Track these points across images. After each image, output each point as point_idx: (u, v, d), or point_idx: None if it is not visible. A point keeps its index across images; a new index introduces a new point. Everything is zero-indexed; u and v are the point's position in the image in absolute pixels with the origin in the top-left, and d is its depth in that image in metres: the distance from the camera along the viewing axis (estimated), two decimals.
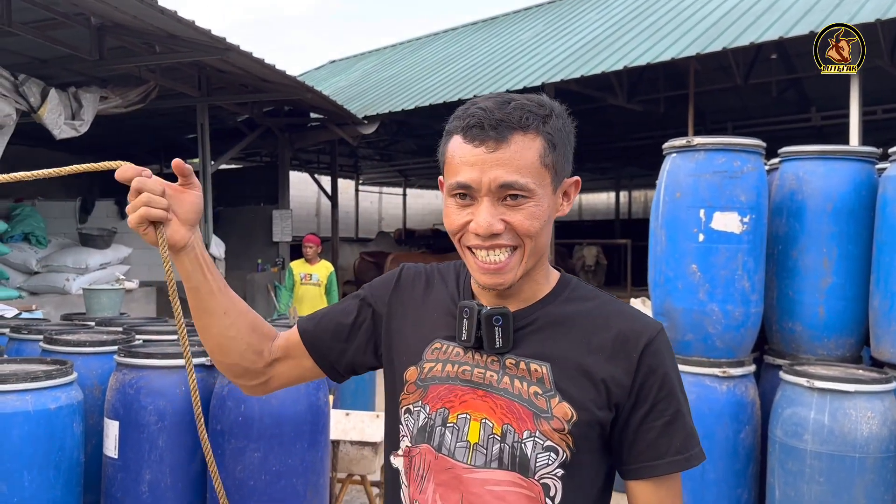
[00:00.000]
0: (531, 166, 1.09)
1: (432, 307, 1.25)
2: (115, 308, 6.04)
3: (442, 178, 1.20)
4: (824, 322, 3.64)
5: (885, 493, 3.12)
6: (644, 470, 1.13)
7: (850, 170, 3.64)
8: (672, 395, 1.14)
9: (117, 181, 1.14)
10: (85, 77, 7.85)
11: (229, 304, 1.25)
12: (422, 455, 1.17)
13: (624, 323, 1.16)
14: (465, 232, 1.12)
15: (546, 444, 1.10)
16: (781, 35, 7.31)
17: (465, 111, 1.13)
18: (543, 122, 1.11)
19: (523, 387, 1.13)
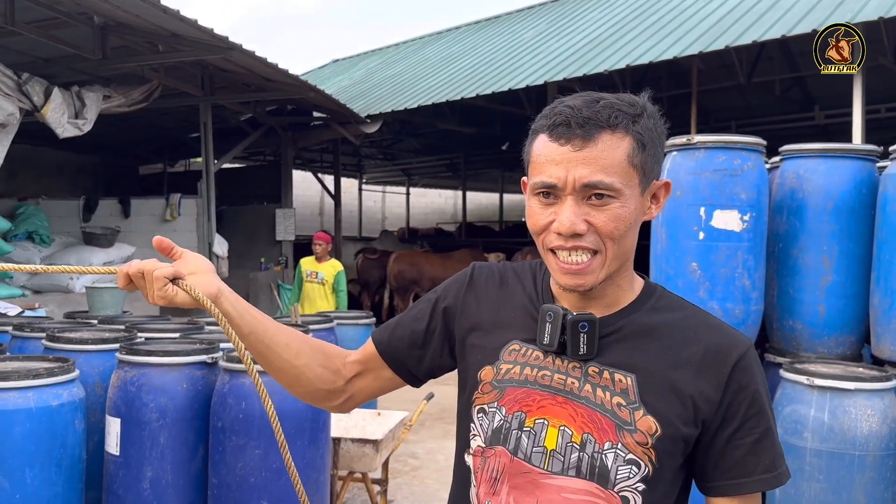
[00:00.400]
0: (618, 166, 1.06)
1: (509, 306, 1.24)
2: (118, 306, 6.06)
3: (525, 178, 1.18)
4: (825, 320, 3.64)
5: (885, 490, 3.12)
6: (731, 487, 1.11)
7: (851, 168, 3.64)
8: (762, 412, 1.11)
9: (122, 179, 1.17)
10: (88, 76, 7.87)
11: (288, 336, 1.27)
12: (496, 457, 1.15)
13: (713, 337, 1.13)
14: (547, 232, 1.10)
15: (628, 457, 1.08)
16: (784, 33, 7.29)
17: (551, 110, 1.11)
18: (633, 121, 1.08)
19: (606, 396, 1.10)
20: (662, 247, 3.71)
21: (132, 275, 1.15)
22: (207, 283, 1.18)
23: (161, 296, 1.14)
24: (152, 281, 1.14)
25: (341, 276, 7.31)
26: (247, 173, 14.94)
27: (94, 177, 13.46)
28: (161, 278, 1.14)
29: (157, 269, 1.14)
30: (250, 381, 3.25)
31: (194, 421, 3.39)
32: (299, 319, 5.00)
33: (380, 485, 4.35)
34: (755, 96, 11.99)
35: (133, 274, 1.15)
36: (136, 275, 1.15)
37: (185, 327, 4.49)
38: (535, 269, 1.27)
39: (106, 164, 13.75)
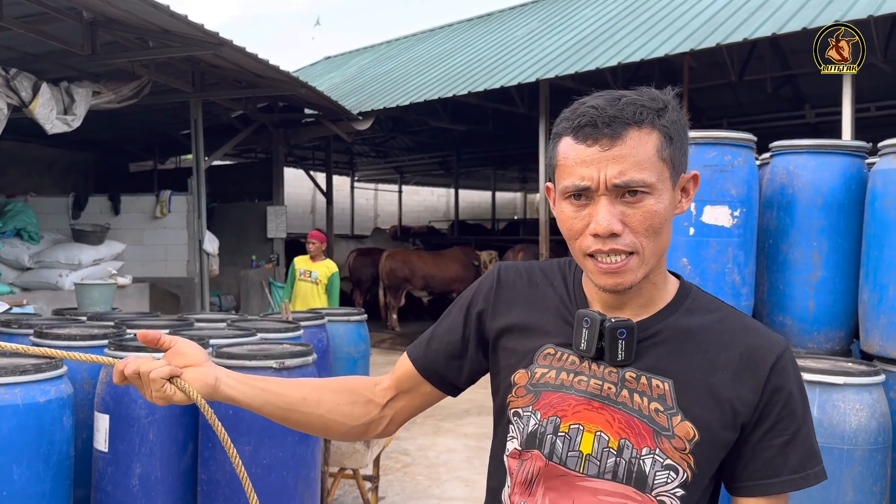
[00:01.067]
0: (649, 161, 1.06)
1: (540, 308, 1.22)
2: (108, 303, 6.03)
3: (550, 184, 1.17)
4: (814, 315, 3.65)
5: (874, 484, 3.13)
6: (758, 488, 1.12)
7: (841, 164, 3.65)
8: (793, 413, 1.11)
9: (111, 176, 1.15)
10: (77, 72, 7.83)
11: (303, 390, 1.26)
12: (532, 460, 1.15)
13: (750, 339, 1.13)
14: (583, 237, 1.08)
15: (666, 463, 1.08)
16: (775, 31, 7.32)
17: (573, 112, 1.09)
18: (658, 115, 1.08)
19: (643, 402, 1.10)
20: None
21: (128, 375, 1.13)
22: (204, 374, 1.16)
23: (160, 396, 1.13)
24: (149, 382, 1.12)
25: (335, 278, 7.24)
26: (238, 170, 14.90)
27: (83, 174, 13.40)
28: (157, 379, 1.12)
29: (154, 370, 1.12)
30: None
31: (183, 417, 3.37)
32: (290, 316, 4.99)
33: (371, 481, 4.34)
34: (746, 94, 12.04)
35: (129, 375, 1.13)
36: (132, 375, 1.13)
37: (175, 324, 4.46)
38: (563, 269, 1.25)
39: (95, 161, 13.69)
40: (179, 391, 1.13)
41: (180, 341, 1.19)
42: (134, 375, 1.13)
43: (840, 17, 6.68)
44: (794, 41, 9.64)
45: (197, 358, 1.17)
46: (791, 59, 10.80)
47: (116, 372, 1.14)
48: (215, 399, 1.17)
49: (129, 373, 1.13)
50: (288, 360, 3.29)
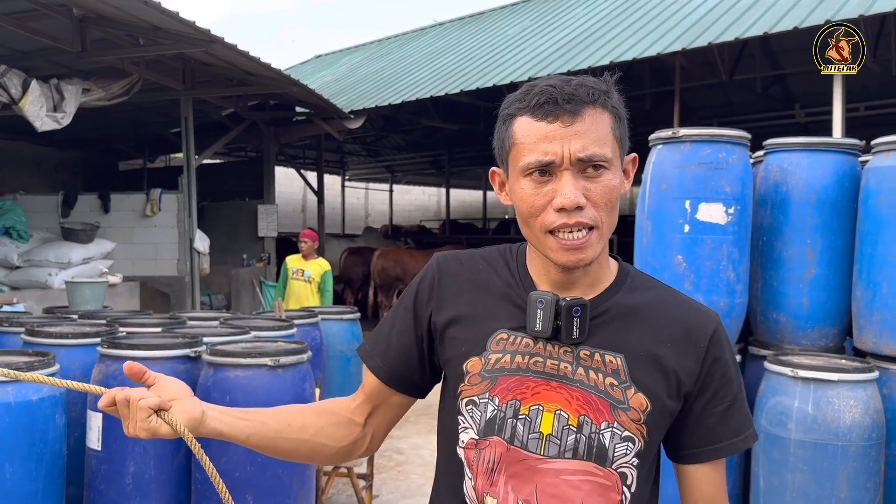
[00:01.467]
0: (606, 137, 1.10)
1: (487, 295, 1.22)
2: (99, 301, 5.99)
3: (497, 168, 1.19)
4: (808, 313, 3.67)
5: (868, 480, 3.15)
6: (704, 454, 1.18)
7: (834, 162, 3.67)
8: (730, 382, 1.18)
9: (101, 175, 1.14)
10: (67, 69, 7.77)
11: (286, 416, 1.25)
12: (492, 447, 1.15)
13: (689, 314, 1.19)
14: (545, 212, 1.10)
15: (624, 435, 1.12)
16: (766, 30, 7.35)
17: (527, 93, 1.12)
18: (607, 95, 1.12)
19: (599, 378, 1.13)
20: (648, 240, 3.72)
21: (118, 400, 1.11)
22: (191, 408, 1.14)
23: (144, 427, 1.10)
24: (136, 411, 1.10)
25: (328, 277, 7.23)
26: (228, 169, 14.83)
27: (72, 172, 13.30)
28: (146, 409, 1.10)
29: (143, 399, 1.10)
30: (235, 375, 3.23)
31: None
32: (283, 314, 4.97)
33: (365, 479, 4.33)
34: (737, 94, 12.08)
35: (119, 400, 1.11)
36: (122, 401, 1.11)
37: (167, 322, 4.44)
38: (505, 255, 1.26)
39: (85, 159, 13.60)
40: (165, 424, 1.11)
41: (164, 377, 1.17)
42: (123, 402, 1.11)
43: (832, 17, 6.72)
44: (785, 41, 9.68)
45: (182, 392, 1.15)
46: (781, 59, 10.85)
47: (107, 397, 1.12)
48: (201, 433, 1.15)
49: (119, 397, 1.11)
50: (283, 358, 3.27)
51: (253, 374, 3.23)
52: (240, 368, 3.23)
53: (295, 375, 3.31)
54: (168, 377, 1.18)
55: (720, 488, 1.21)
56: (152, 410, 1.10)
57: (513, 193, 1.15)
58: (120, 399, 1.11)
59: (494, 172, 1.21)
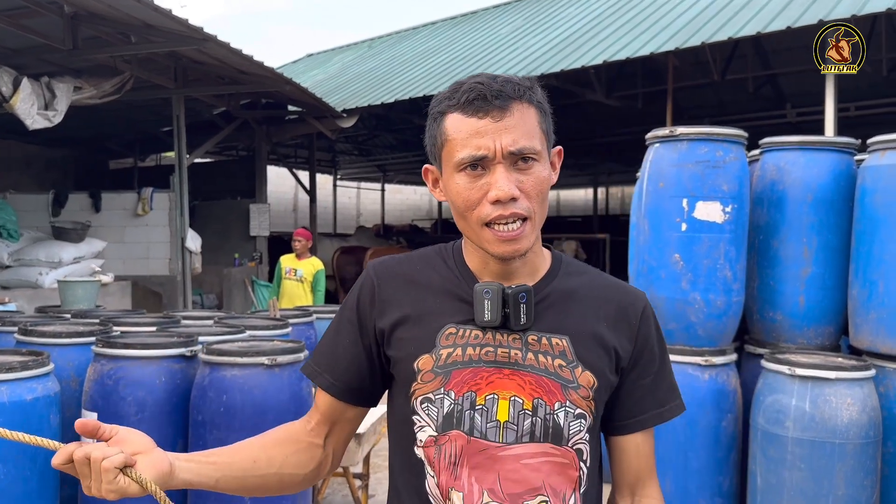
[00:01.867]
0: (534, 131, 1.14)
1: (429, 293, 1.23)
2: (91, 301, 5.95)
3: (430, 166, 1.22)
4: (804, 311, 3.67)
5: (865, 478, 3.16)
6: (632, 425, 1.25)
7: (830, 160, 3.68)
8: (655, 356, 1.26)
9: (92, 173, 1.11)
10: (58, 67, 7.71)
11: (251, 452, 1.23)
12: (452, 441, 1.16)
13: (620, 294, 1.26)
14: (481, 206, 1.12)
15: (577, 413, 1.17)
16: (759, 30, 7.37)
17: (456, 91, 1.15)
18: (532, 91, 1.16)
19: (548, 361, 1.17)
20: (645, 238, 3.72)
21: (77, 458, 1.02)
22: (158, 461, 1.08)
23: (111, 489, 1.02)
24: (100, 472, 1.01)
25: (321, 275, 7.20)
26: (220, 168, 14.77)
27: (63, 171, 13.21)
28: (111, 469, 1.01)
29: (107, 458, 1.01)
30: (231, 374, 3.20)
31: (173, 415, 3.33)
32: (278, 314, 4.95)
33: (361, 479, 4.31)
34: (728, 94, 12.12)
35: (78, 458, 1.01)
36: (80, 460, 1.01)
37: (161, 321, 4.41)
38: (441, 253, 1.28)
39: (75, 158, 13.51)
40: (134, 482, 1.03)
41: (122, 429, 1.10)
42: (82, 461, 1.01)
43: (824, 17, 6.74)
44: (776, 41, 9.72)
45: (145, 445, 1.09)
46: (773, 59, 10.89)
47: (62, 454, 1.02)
48: (170, 486, 1.10)
49: (78, 456, 1.01)
50: (280, 357, 3.25)
51: (250, 374, 3.21)
52: (237, 367, 3.21)
53: (292, 374, 3.29)
54: (127, 429, 1.11)
55: (649, 461, 1.27)
56: (118, 470, 1.02)
57: (447, 189, 1.17)
58: (79, 457, 1.02)
59: (428, 170, 1.23)
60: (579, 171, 21.35)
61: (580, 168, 20.74)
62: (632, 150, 16.10)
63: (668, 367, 1.28)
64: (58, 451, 1.03)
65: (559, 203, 25.94)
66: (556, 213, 25.39)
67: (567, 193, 25.62)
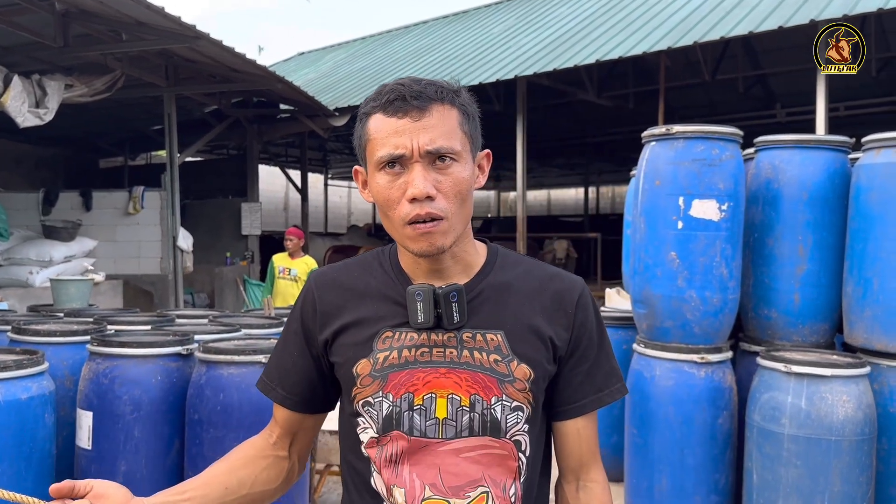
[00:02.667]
0: (454, 131, 1.15)
1: (366, 299, 1.25)
2: (84, 299, 5.91)
3: (359, 167, 1.25)
4: (799, 309, 3.69)
5: (861, 475, 3.18)
6: (572, 410, 1.26)
7: (825, 159, 3.70)
8: (593, 341, 1.26)
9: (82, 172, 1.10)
10: (49, 65, 7.66)
11: (221, 479, 1.25)
12: (393, 441, 1.18)
13: (555, 283, 1.27)
14: (400, 205, 1.14)
15: (514, 405, 1.18)
16: (751, 30, 7.40)
17: (378, 93, 1.17)
18: (456, 94, 1.18)
19: (483, 357, 1.19)
20: (641, 236, 3.73)
21: None
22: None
23: None
24: None
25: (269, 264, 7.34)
26: (211, 166, 14.71)
27: (53, 169, 13.13)
28: None
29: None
30: (228, 373, 3.19)
31: (169, 413, 3.31)
32: (273, 312, 4.93)
33: None
34: (719, 93, 12.18)
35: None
36: None
37: (156, 320, 4.38)
38: (378, 257, 1.30)
39: (65, 157, 13.42)
40: None
41: (98, 483, 1.11)
42: None
43: (816, 17, 6.78)
44: (767, 41, 9.78)
45: (121, 497, 1.11)
46: (763, 59, 10.96)
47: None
48: None
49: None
50: None
51: (247, 372, 3.19)
52: (233, 366, 3.19)
53: None
54: (102, 482, 1.12)
55: (592, 445, 1.28)
56: None
57: (371, 188, 1.19)
58: None
59: (357, 171, 1.26)
60: (570, 171, 21.41)
61: (571, 167, 20.80)
62: (623, 150, 16.12)
63: (607, 352, 1.29)
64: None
65: (550, 202, 25.98)
66: (548, 213, 25.42)
67: (558, 193, 25.68)
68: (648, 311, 3.70)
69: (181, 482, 1.25)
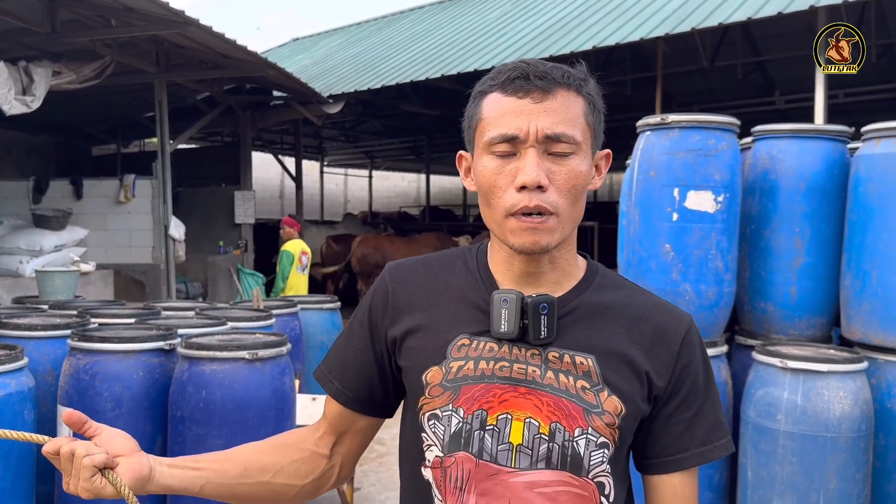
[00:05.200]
0: (578, 120, 1.05)
1: (444, 300, 1.14)
2: (70, 291, 5.83)
3: (464, 152, 1.13)
4: (796, 302, 3.62)
5: (857, 472, 3.12)
6: (669, 464, 1.11)
7: (823, 149, 3.62)
8: (699, 387, 1.12)
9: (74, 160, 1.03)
10: (37, 51, 7.52)
11: (242, 459, 1.16)
12: (459, 464, 1.06)
13: (660, 315, 1.13)
14: (506, 193, 1.03)
15: (599, 441, 1.05)
16: (750, 16, 7.29)
17: (499, 71, 1.07)
18: (584, 82, 1.08)
19: (570, 381, 1.06)
20: (635, 228, 3.65)
21: (63, 453, 1.03)
22: (139, 465, 1.06)
23: (87, 488, 1.02)
24: (80, 468, 1.01)
25: (283, 255, 7.37)
26: (204, 154, 14.57)
27: (44, 157, 12.99)
28: (90, 467, 1.01)
29: (89, 456, 1.01)
30: (211, 369, 3.11)
31: (151, 410, 3.24)
32: (261, 304, 4.86)
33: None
34: (717, 80, 12.06)
35: (64, 453, 1.02)
36: (66, 454, 1.02)
37: (141, 312, 4.30)
38: (464, 256, 1.19)
39: (57, 144, 13.29)
40: (110, 484, 1.02)
41: (108, 430, 1.08)
42: (67, 454, 1.02)
43: (815, 2, 6.67)
44: (766, 27, 9.66)
45: (128, 447, 1.07)
46: (762, 46, 10.84)
47: (53, 444, 1.03)
48: (149, 492, 1.08)
49: (64, 450, 1.02)
50: (261, 351, 3.17)
51: (230, 368, 3.12)
52: (216, 362, 3.12)
53: (274, 369, 3.21)
54: (113, 429, 1.09)
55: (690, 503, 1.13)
56: (97, 469, 1.02)
57: (475, 172, 1.09)
58: (65, 452, 1.02)
59: (462, 156, 1.15)
60: None
61: None
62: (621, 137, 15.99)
63: (713, 401, 1.14)
64: (50, 441, 1.04)
65: None
66: None
67: None
68: None
69: None
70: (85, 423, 1.06)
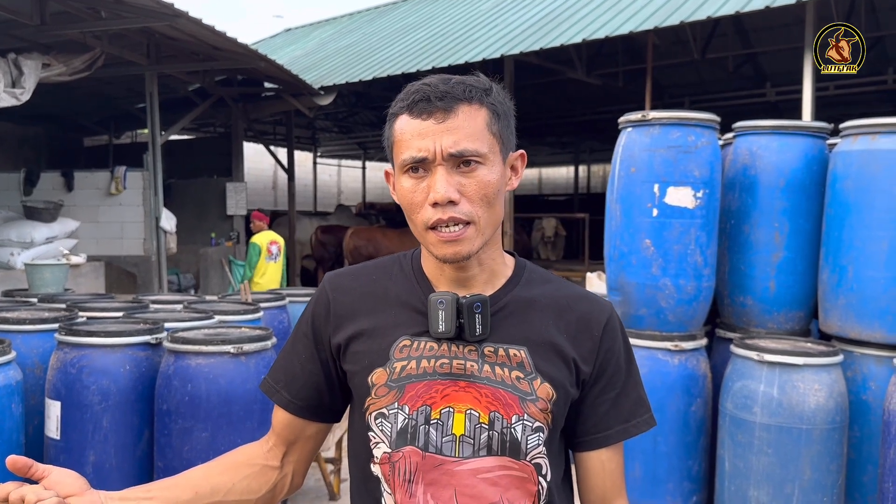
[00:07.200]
0: (480, 133, 1.11)
1: (384, 304, 1.20)
2: (60, 284, 5.85)
3: (389, 169, 1.21)
4: (775, 296, 3.68)
5: (831, 463, 3.18)
6: (596, 441, 1.21)
7: (803, 145, 3.67)
8: (621, 369, 1.22)
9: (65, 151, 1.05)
10: (26, 43, 7.51)
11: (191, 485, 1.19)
12: (406, 458, 1.13)
13: (583, 305, 1.22)
14: (423, 209, 1.10)
15: (535, 426, 1.13)
16: (738, 9, 7.31)
17: (406, 93, 1.15)
18: (486, 93, 1.14)
19: (505, 373, 1.14)
20: (617, 224, 3.70)
21: (12, 500, 1.00)
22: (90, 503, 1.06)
23: None
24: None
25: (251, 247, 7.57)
26: (196, 145, 14.57)
27: (35, 149, 12.97)
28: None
29: (40, 501, 0.99)
30: (196, 363, 3.16)
31: (138, 404, 3.28)
32: (250, 298, 4.89)
33: (333, 464, 4.30)
34: (708, 72, 12.09)
35: (13, 500, 0.99)
36: (15, 501, 0.99)
37: (130, 306, 4.34)
38: (400, 261, 1.26)
39: (48, 136, 13.26)
40: None
41: (56, 470, 1.07)
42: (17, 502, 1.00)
43: None
44: (757, 19, 9.68)
45: (78, 486, 1.06)
46: (753, 38, 10.86)
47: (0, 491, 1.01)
48: None
49: (13, 499, 0.99)
50: (246, 346, 3.21)
51: (215, 362, 3.16)
52: (201, 356, 3.16)
53: (259, 363, 3.25)
54: (62, 469, 1.07)
55: (617, 479, 1.23)
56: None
57: (396, 190, 1.16)
58: (14, 499, 1.00)
59: (388, 173, 1.23)
60: (560, 150, 21.32)
61: (562, 146, 20.70)
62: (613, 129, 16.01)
63: (635, 380, 1.24)
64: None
65: (541, 181, 25.92)
66: (539, 191, 25.36)
67: (549, 171, 25.60)
68: (623, 298, 3.67)
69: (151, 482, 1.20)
70: (31, 467, 1.04)
